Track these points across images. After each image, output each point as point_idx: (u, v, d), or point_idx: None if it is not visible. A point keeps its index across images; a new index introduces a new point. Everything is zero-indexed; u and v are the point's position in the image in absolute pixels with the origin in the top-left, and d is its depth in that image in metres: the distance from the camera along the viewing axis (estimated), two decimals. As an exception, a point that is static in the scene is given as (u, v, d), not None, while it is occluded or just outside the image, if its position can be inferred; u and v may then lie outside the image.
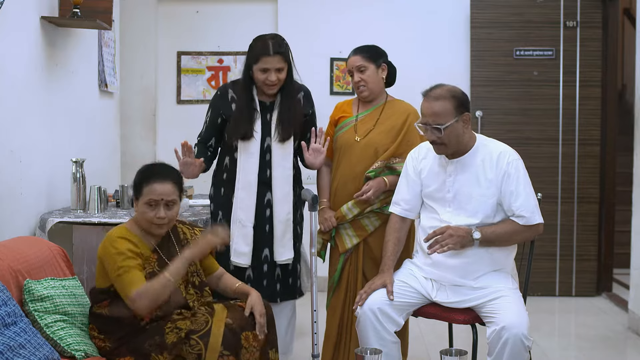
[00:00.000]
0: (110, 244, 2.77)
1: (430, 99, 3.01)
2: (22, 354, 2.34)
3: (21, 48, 3.57)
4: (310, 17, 5.89)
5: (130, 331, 2.76)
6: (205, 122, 3.54)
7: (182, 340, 2.69)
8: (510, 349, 2.81)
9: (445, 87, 3.04)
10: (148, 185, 2.82)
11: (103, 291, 2.81)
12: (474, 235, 2.96)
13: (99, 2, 4.09)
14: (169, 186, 2.83)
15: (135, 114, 5.85)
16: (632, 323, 4.85)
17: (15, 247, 2.84)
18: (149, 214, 2.81)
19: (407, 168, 3.25)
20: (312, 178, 3.73)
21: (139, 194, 2.84)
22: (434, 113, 2.98)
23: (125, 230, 2.83)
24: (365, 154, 3.51)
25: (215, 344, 2.67)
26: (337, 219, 3.51)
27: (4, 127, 3.37)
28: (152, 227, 2.84)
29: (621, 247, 5.79)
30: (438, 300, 3.08)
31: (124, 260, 2.72)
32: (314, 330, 2.94)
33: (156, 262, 2.84)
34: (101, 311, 2.80)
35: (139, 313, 2.73)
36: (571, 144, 5.73)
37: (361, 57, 3.55)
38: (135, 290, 2.67)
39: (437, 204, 3.13)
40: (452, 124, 2.98)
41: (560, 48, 5.70)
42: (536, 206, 3.04)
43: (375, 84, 3.55)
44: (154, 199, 2.80)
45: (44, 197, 3.87)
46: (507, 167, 3.02)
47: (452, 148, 3.04)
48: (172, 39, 6.00)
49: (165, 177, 2.85)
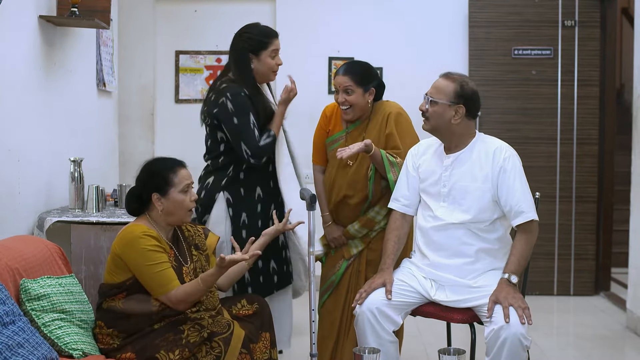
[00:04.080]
0: (135, 241, 2.78)
1: (444, 76, 3.12)
2: (20, 353, 2.33)
3: (19, 47, 3.57)
4: (308, 16, 5.89)
5: (140, 327, 2.78)
6: (254, 126, 3.32)
7: (203, 340, 2.73)
8: (509, 349, 2.81)
9: (463, 76, 3.13)
10: (175, 173, 2.89)
11: (117, 286, 2.82)
12: (512, 281, 2.96)
13: (97, 2, 4.09)
14: (187, 170, 2.96)
15: (134, 113, 5.85)
16: (630, 322, 4.85)
17: (13, 246, 2.83)
18: (186, 201, 2.90)
19: (407, 164, 3.26)
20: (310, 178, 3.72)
21: (168, 186, 2.87)
22: (435, 86, 3.10)
23: (146, 227, 2.85)
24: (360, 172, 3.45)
25: (235, 348, 2.76)
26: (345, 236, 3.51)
27: (1, 126, 3.36)
28: (187, 215, 2.93)
29: (619, 247, 5.80)
30: (437, 299, 3.08)
31: (158, 256, 2.79)
32: (312, 329, 2.94)
33: (173, 258, 2.89)
34: (114, 304, 2.82)
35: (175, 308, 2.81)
36: (569, 143, 5.74)
37: (350, 78, 3.39)
38: (174, 291, 2.78)
39: (432, 198, 3.14)
40: (442, 104, 3.04)
41: (559, 47, 5.71)
42: (532, 201, 3.06)
43: (359, 107, 3.43)
44: (187, 184, 2.90)
45: (42, 196, 3.86)
46: (504, 162, 3.04)
47: (435, 130, 3.10)
48: (171, 38, 5.99)
49: (181, 162, 2.96)
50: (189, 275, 2.90)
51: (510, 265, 3.00)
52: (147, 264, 2.77)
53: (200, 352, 2.73)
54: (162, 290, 2.78)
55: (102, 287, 2.89)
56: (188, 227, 3.06)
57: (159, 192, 2.87)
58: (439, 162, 3.15)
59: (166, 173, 2.89)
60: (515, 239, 3.07)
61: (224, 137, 3.39)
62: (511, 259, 3.02)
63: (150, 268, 2.77)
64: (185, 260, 2.94)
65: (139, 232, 2.81)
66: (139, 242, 2.78)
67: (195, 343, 2.72)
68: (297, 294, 3.85)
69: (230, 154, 3.40)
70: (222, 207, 3.40)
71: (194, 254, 3.00)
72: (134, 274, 2.81)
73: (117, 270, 2.84)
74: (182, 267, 2.90)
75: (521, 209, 3.01)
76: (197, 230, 3.08)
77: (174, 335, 2.75)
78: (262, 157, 3.36)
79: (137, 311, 2.80)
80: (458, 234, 3.06)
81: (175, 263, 2.87)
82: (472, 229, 3.06)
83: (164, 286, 2.78)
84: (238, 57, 3.41)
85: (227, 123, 3.33)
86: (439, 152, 3.17)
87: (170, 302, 2.79)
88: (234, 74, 3.42)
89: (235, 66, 3.42)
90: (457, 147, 3.11)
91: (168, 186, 2.87)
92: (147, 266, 2.77)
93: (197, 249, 3.03)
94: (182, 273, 2.87)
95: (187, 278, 2.88)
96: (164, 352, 2.70)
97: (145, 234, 2.81)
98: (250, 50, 3.39)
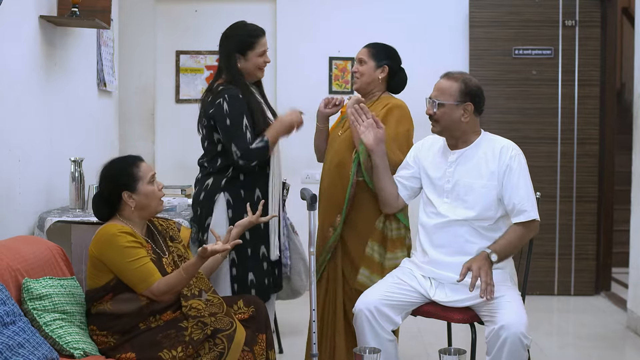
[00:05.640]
0: (112, 240, 2.79)
1: (444, 77, 3.12)
2: (21, 353, 2.34)
3: (20, 47, 3.57)
4: (309, 16, 5.89)
5: (133, 324, 2.79)
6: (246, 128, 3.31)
7: (207, 337, 2.74)
8: (509, 348, 2.81)
9: (464, 74, 3.15)
10: (138, 167, 2.91)
11: (101, 288, 2.83)
12: (492, 258, 2.96)
13: (98, 1, 4.08)
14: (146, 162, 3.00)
15: (134, 113, 5.85)
16: (630, 322, 4.85)
17: (14, 247, 2.83)
18: (156, 190, 2.93)
19: (410, 153, 3.31)
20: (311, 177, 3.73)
21: (135, 181, 2.89)
22: (438, 88, 3.10)
23: (120, 225, 2.86)
24: (343, 146, 3.49)
25: (238, 345, 2.78)
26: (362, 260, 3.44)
27: (2, 126, 3.37)
28: (160, 204, 2.97)
29: (620, 246, 5.80)
30: (437, 299, 3.08)
31: (136, 252, 2.79)
32: (313, 329, 2.95)
33: (151, 251, 2.90)
34: (103, 307, 2.81)
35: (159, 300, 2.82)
36: (570, 143, 5.74)
37: (367, 50, 3.58)
38: (156, 284, 2.79)
39: (435, 194, 3.14)
40: (450, 105, 3.04)
41: (559, 47, 5.71)
42: (535, 201, 3.07)
43: (368, 79, 3.54)
44: (152, 174, 2.94)
45: (43, 197, 3.86)
46: (510, 160, 3.05)
47: (445, 131, 3.10)
48: (171, 38, 5.99)
49: (139, 157, 3.00)
50: (170, 265, 2.93)
51: (496, 245, 3.00)
52: (127, 261, 2.78)
53: (202, 349, 2.73)
54: (145, 285, 2.78)
55: (87, 293, 2.88)
56: (160, 222, 3.09)
57: (128, 189, 2.88)
58: (443, 158, 3.16)
59: (130, 169, 2.90)
60: (511, 227, 3.06)
61: (220, 138, 3.39)
62: (500, 241, 3.01)
63: (130, 264, 2.78)
64: (163, 252, 2.97)
65: (114, 231, 2.81)
66: (116, 240, 2.79)
67: (199, 340, 2.72)
68: (298, 294, 3.85)
69: (228, 155, 3.40)
70: (223, 208, 3.40)
71: (170, 245, 3.02)
72: (116, 274, 2.81)
73: (98, 274, 2.84)
74: (161, 259, 2.92)
75: (524, 208, 3.01)
76: (169, 224, 3.12)
77: (176, 332, 2.75)
78: (252, 161, 3.33)
79: (127, 309, 2.80)
80: (461, 232, 3.06)
81: (154, 255, 2.89)
82: (475, 227, 3.06)
83: (145, 280, 2.79)
84: (226, 58, 3.43)
85: (220, 123, 3.33)
86: (444, 148, 3.18)
87: (154, 295, 2.79)
88: (226, 75, 3.43)
89: (225, 67, 3.44)
90: (464, 144, 3.12)
91: (135, 181, 2.89)
92: (127, 262, 2.77)
93: (172, 241, 3.06)
94: (162, 264, 2.89)
95: (168, 269, 2.90)
96: (166, 350, 2.70)
97: (120, 232, 2.81)
98: (237, 51, 3.41)
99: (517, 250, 3.09)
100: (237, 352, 2.76)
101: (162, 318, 2.83)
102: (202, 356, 2.73)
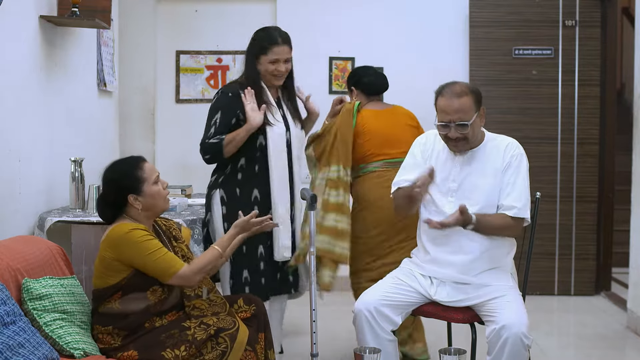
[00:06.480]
0: (127, 237, 2.77)
1: (452, 95, 3.00)
2: (21, 353, 2.34)
3: (20, 47, 3.57)
4: (309, 16, 5.89)
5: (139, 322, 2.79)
6: (214, 124, 3.41)
7: (210, 337, 2.74)
8: (510, 348, 2.81)
9: (463, 83, 3.09)
10: (142, 169, 2.89)
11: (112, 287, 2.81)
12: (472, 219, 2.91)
13: (98, 1, 4.08)
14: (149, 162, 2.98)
15: (134, 113, 5.85)
16: (630, 322, 4.85)
17: (14, 247, 2.83)
18: (161, 190, 2.92)
19: (414, 152, 3.24)
20: (311, 177, 3.73)
21: (140, 183, 2.86)
22: (459, 110, 2.98)
23: (130, 223, 2.85)
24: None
25: (241, 344, 2.78)
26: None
27: (2, 126, 3.37)
28: (166, 202, 2.96)
29: (620, 246, 5.79)
30: (437, 298, 3.08)
31: (154, 243, 2.79)
32: (313, 329, 2.94)
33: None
34: (111, 306, 2.81)
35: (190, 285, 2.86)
36: (570, 143, 5.73)
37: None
38: (185, 267, 2.80)
39: (440, 194, 3.12)
40: (475, 119, 3.02)
41: (559, 47, 5.70)
42: (528, 202, 3.06)
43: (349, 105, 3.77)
44: (156, 175, 2.92)
45: (43, 196, 3.86)
46: (511, 159, 3.07)
47: (471, 143, 3.08)
48: (171, 38, 5.99)
49: (141, 157, 2.96)
50: None
51: (480, 217, 2.94)
52: (147, 254, 2.76)
53: (205, 349, 2.73)
54: (172, 272, 2.78)
55: (95, 292, 2.87)
56: (163, 222, 3.09)
57: (133, 192, 2.86)
58: (450, 158, 3.14)
59: (134, 172, 2.88)
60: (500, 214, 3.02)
61: None
62: (486, 217, 2.98)
63: (151, 256, 2.77)
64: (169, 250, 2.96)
65: (126, 229, 2.80)
66: (132, 237, 2.78)
67: (202, 340, 2.72)
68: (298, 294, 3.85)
69: None
70: (218, 204, 3.44)
71: (174, 245, 3.03)
72: (137, 268, 2.79)
73: (110, 273, 2.81)
74: None
75: (515, 205, 3.01)
76: (171, 224, 3.12)
77: (179, 332, 2.75)
78: (205, 154, 3.44)
79: (134, 309, 2.79)
80: (464, 230, 3.04)
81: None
82: None
83: (171, 267, 2.78)
84: (245, 57, 3.52)
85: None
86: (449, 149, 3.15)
87: (185, 278, 2.80)
88: (243, 73, 3.54)
89: (244, 66, 3.54)
90: (472, 145, 3.10)
91: (140, 184, 2.86)
92: (148, 255, 2.76)
93: (176, 241, 3.06)
94: None
95: None
96: (169, 349, 2.70)
97: (132, 229, 2.81)
98: (252, 53, 3.44)
99: (491, 233, 3.01)
100: (239, 352, 2.77)
101: (167, 318, 2.83)
102: (204, 355, 2.72)
